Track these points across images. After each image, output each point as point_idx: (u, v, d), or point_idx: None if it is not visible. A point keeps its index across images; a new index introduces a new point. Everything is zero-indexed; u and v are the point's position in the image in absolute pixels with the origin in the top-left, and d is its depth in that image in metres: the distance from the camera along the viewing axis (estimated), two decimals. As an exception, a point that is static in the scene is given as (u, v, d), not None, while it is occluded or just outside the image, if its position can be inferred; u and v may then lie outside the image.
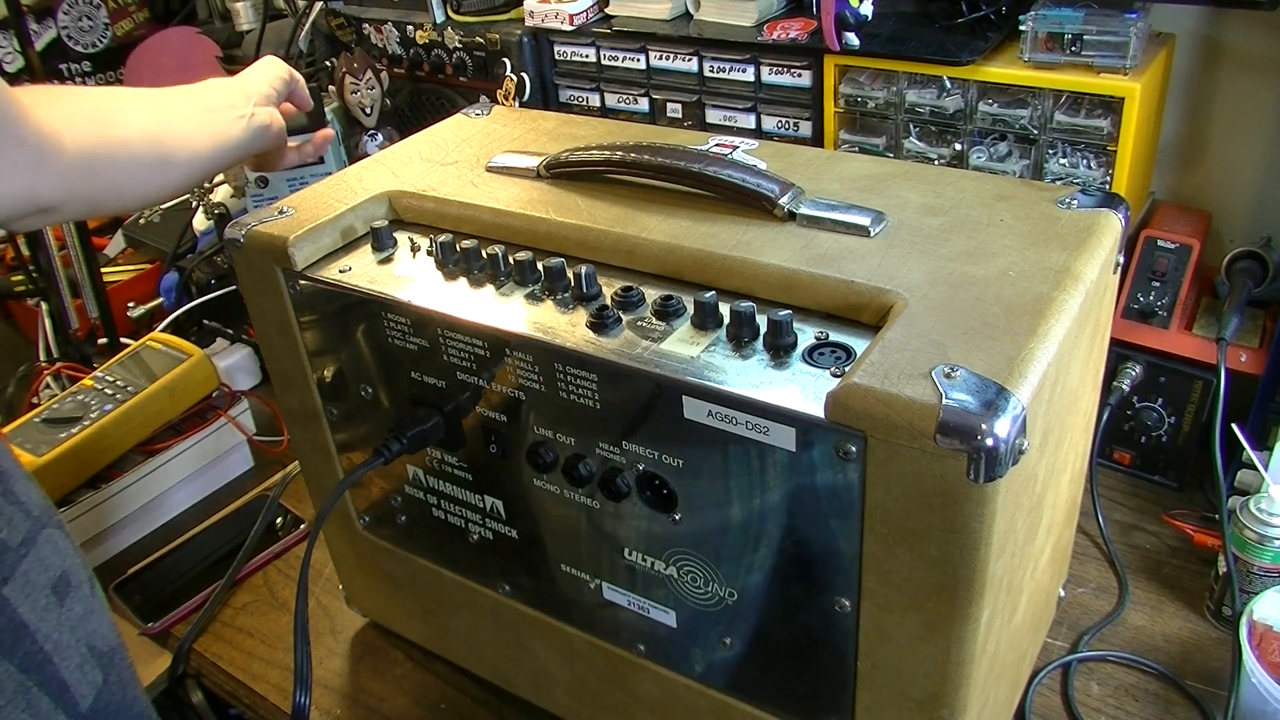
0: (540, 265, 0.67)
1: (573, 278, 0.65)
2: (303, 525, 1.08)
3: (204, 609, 0.98)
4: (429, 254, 0.73)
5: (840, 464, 0.54)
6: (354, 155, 1.38)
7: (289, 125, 0.91)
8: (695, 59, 1.21)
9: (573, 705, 0.82)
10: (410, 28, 1.42)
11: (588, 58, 1.29)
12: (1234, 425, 0.90)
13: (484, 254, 0.70)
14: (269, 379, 0.91)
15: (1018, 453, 0.50)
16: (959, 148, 1.07)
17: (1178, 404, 0.99)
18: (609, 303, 0.64)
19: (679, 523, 0.63)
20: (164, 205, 1.55)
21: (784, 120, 1.17)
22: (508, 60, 1.33)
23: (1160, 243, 1.01)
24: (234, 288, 1.32)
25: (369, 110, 1.38)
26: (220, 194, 1.41)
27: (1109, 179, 1.00)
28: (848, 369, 0.54)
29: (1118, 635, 0.87)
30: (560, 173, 0.77)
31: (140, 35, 1.79)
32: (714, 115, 1.22)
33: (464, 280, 0.70)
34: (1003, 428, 0.49)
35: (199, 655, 0.95)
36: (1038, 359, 0.53)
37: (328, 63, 1.44)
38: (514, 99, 1.34)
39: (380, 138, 1.40)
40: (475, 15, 1.37)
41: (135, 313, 1.43)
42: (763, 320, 0.59)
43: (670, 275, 0.66)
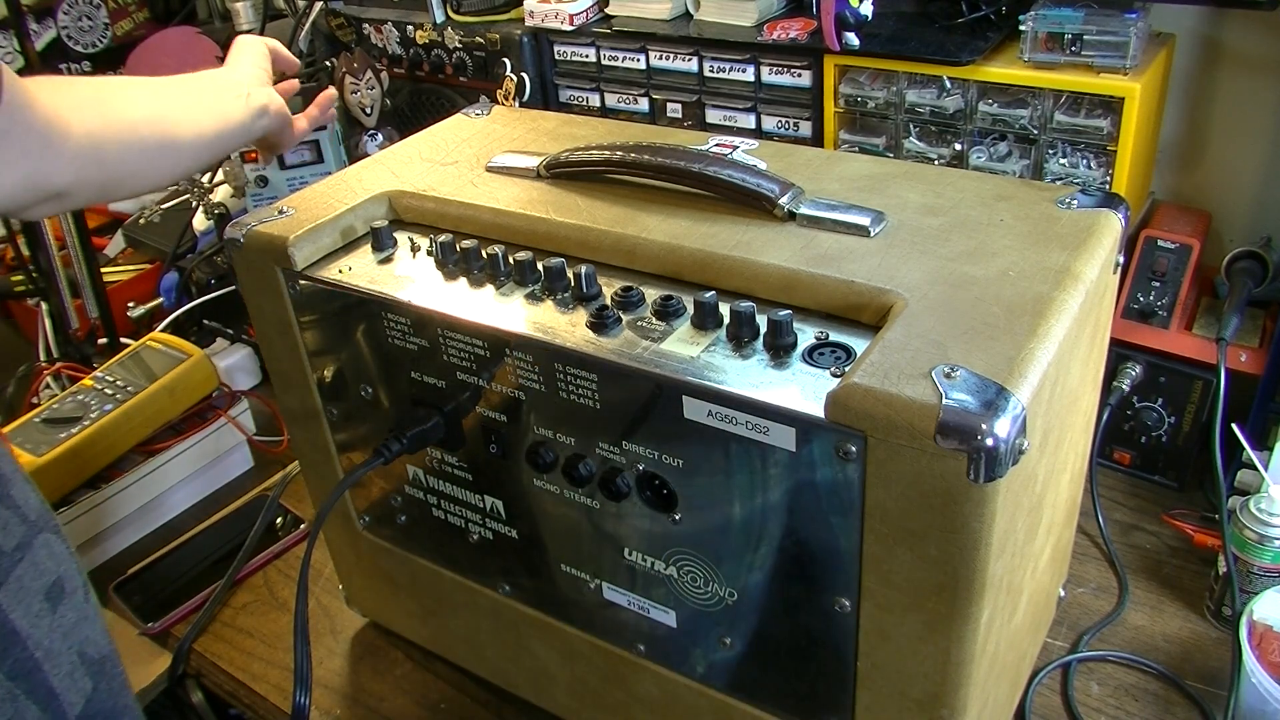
0: (540, 265, 0.67)
1: (573, 278, 0.65)
2: (303, 525, 1.08)
3: (204, 609, 0.98)
4: (429, 254, 0.73)
5: (840, 464, 0.54)
6: (354, 155, 1.38)
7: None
8: (695, 59, 1.21)
9: (573, 705, 0.82)
10: (410, 28, 1.42)
11: (588, 58, 1.29)
12: (1234, 425, 0.90)
13: (484, 254, 0.70)
14: (269, 379, 0.91)
15: (1018, 453, 0.50)
16: (959, 148, 1.07)
17: (1178, 404, 0.99)
18: (609, 303, 0.64)
19: (679, 523, 0.63)
20: (164, 205, 1.55)
21: (784, 120, 1.17)
22: (508, 60, 1.33)
23: (1160, 243, 1.01)
24: (234, 288, 1.32)
25: (369, 110, 1.38)
26: (220, 194, 1.41)
27: (1109, 179, 1.00)
28: (848, 369, 0.54)
29: (1118, 635, 0.87)
30: (560, 173, 0.77)
31: (140, 35, 1.78)
32: (714, 115, 1.22)
33: (464, 280, 0.70)
34: (1003, 428, 0.49)
35: (199, 655, 0.95)
36: (1038, 359, 0.53)
37: (328, 63, 1.44)
38: (514, 99, 1.34)
39: (380, 138, 1.40)
40: (475, 15, 1.37)
41: (135, 313, 1.43)
42: (763, 320, 0.59)
43: (670, 275, 0.66)
